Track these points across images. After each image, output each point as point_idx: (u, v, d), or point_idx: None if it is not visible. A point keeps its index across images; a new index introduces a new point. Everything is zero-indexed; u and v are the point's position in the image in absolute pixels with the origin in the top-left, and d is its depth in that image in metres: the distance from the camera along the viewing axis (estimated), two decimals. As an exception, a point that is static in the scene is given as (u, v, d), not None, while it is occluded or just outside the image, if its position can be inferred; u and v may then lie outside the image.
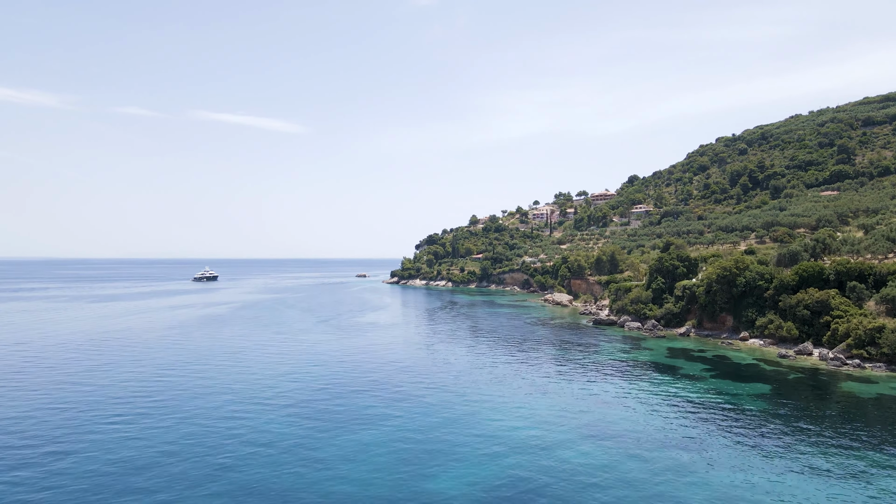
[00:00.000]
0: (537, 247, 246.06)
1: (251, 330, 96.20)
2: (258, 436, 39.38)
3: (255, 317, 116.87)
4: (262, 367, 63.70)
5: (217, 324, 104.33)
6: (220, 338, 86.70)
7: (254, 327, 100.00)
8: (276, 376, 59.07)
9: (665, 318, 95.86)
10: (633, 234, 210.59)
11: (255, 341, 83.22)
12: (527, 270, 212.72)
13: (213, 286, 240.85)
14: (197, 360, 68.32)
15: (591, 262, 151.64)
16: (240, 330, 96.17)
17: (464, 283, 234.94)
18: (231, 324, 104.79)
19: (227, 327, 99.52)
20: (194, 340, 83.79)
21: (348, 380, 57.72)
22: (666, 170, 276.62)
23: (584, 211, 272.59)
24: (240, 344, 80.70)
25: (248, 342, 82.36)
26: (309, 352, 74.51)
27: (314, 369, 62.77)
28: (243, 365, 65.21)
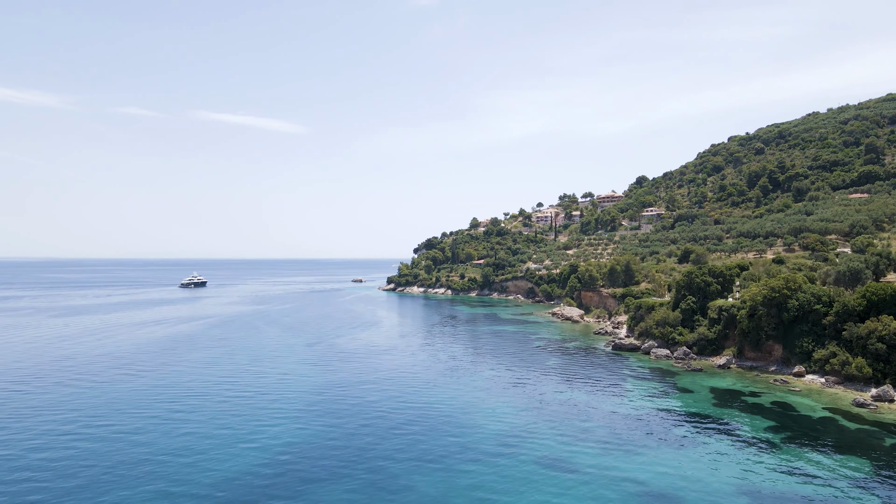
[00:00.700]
0: (542, 252, 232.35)
1: (212, 360, 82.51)
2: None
3: (225, 338, 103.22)
4: (202, 426, 50.03)
5: (178, 350, 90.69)
6: (168, 376, 73.03)
7: (218, 355, 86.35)
8: (213, 445, 45.37)
9: (698, 345, 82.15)
10: (645, 239, 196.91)
11: (209, 380, 69.51)
12: (531, 278, 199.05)
13: (199, 294, 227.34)
14: (120, 415, 54.69)
15: (604, 273, 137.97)
16: (200, 358, 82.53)
17: (464, 290, 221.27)
18: (194, 350, 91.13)
19: (187, 356, 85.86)
20: (133, 380, 70.16)
21: (316, 451, 44.05)
22: (677, 170, 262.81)
23: (590, 214, 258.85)
24: (190, 382, 67.02)
25: (200, 381, 68.67)
26: (272, 397, 60.82)
27: (272, 430, 49.06)
28: (179, 423, 51.54)
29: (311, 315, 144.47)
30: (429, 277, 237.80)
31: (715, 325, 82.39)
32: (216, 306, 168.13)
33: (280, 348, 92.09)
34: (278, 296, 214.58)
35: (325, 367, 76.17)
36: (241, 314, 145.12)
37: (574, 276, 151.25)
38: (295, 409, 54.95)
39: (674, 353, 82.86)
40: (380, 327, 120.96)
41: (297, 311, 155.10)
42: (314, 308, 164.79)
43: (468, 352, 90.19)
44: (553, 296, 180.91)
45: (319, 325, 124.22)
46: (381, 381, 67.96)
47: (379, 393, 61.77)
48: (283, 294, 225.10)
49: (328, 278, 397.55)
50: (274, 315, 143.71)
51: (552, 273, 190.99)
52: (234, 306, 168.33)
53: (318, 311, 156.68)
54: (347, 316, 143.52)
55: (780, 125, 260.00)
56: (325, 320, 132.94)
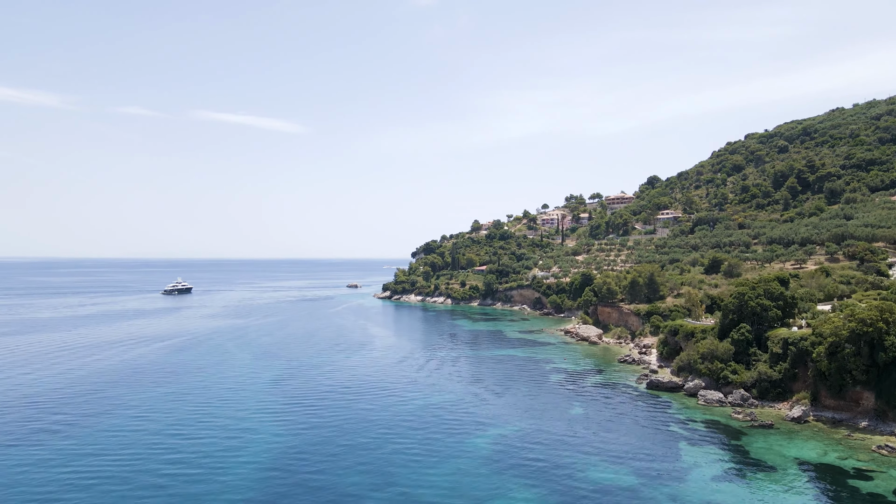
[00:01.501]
0: (549, 258, 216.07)
1: (147, 411, 66.38)
2: None
3: (180, 371, 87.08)
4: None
5: (113, 391, 74.54)
6: (76, 438, 56.88)
7: (159, 401, 70.20)
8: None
9: (759, 387, 65.93)
10: (662, 244, 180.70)
11: (126, 450, 53.32)
12: (538, 287, 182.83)
13: (179, 303, 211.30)
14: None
15: (624, 286, 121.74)
16: (136, 404, 66.39)
17: (465, 299, 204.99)
18: (134, 390, 75.00)
19: (121, 400, 69.74)
20: (21, 450, 54.13)
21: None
22: (692, 169, 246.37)
23: (600, 216, 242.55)
24: (100, 452, 50.87)
25: (114, 449, 52.51)
26: (207, 477, 44.58)
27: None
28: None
29: (293, 333, 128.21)
30: (427, 285, 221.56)
31: (779, 361, 66.17)
32: (191, 320, 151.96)
33: (242, 386, 75.89)
34: (264, 306, 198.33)
35: (291, 421, 59.94)
36: (214, 332, 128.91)
37: (589, 288, 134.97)
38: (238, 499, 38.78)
39: (728, 396, 66.63)
40: (367, 352, 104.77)
41: (278, 327, 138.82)
42: (299, 323, 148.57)
43: (468, 393, 74.00)
44: (563, 308, 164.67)
45: (299, 348, 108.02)
46: (354, 448, 51.68)
47: (349, 468, 45.53)
48: (270, 304, 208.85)
49: (323, 282, 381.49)
50: (251, 333, 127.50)
51: (561, 282, 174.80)
52: (210, 320, 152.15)
53: (303, 327, 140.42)
54: (334, 335, 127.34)
55: (802, 122, 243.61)
56: (306, 342, 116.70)
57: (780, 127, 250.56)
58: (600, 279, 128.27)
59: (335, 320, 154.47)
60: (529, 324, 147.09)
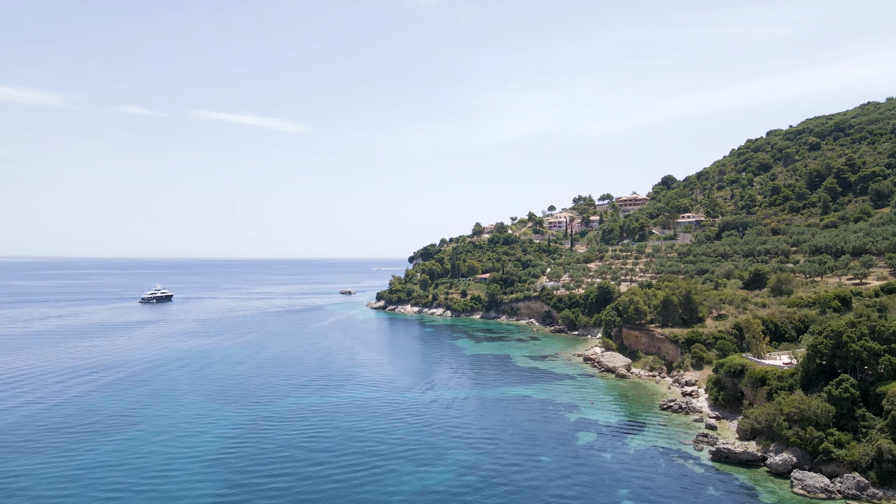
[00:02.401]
0: (557, 265, 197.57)
1: (49, 482, 47.90)
2: None
3: (113, 420, 68.68)
4: None
5: (12, 451, 56.08)
6: None
7: (71, 461, 51.63)
8: None
9: (880, 469, 47.36)
10: (686, 252, 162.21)
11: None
12: (548, 299, 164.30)
13: (153, 314, 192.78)
14: None
15: (656, 304, 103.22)
16: (29, 479, 47.90)
17: (466, 311, 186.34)
18: (38, 455, 56.48)
19: (15, 472, 51.22)
20: None
21: None
22: (712, 168, 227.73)
23: (612, 219, 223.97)
24: None
25: None
26: None
27: None
28: None
29: (265, 362, 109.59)
30: (424, 294, 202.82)
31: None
32: (153, 341, 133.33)
33: (178, 453, 57.31)
34: (243, 320, 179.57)
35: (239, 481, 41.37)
36: (173, 359, 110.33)
37: (611, 306, 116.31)
38: None
39: (835, 480, 48.07)
40: (348, 392, 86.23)
41: (250, 353, 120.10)
42: (276, 345, 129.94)
43: (473, 469, 55.41)
44: (577, 324, 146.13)
45: (267, 385, 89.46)
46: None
47: None
48: (252, 316, 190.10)
49: (316, 287, 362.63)
50: (215, 362, 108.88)
51: (574, 294, 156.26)
52: (176, 341, 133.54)
53: (279, 351, 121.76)
54: (313, 364, 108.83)
55: (831, 117, 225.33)
56: (278, 375, 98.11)
57: (807, 122, 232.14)
58: (626, 297, 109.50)
59: (319, 341, 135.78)
60: (541, 345, 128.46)
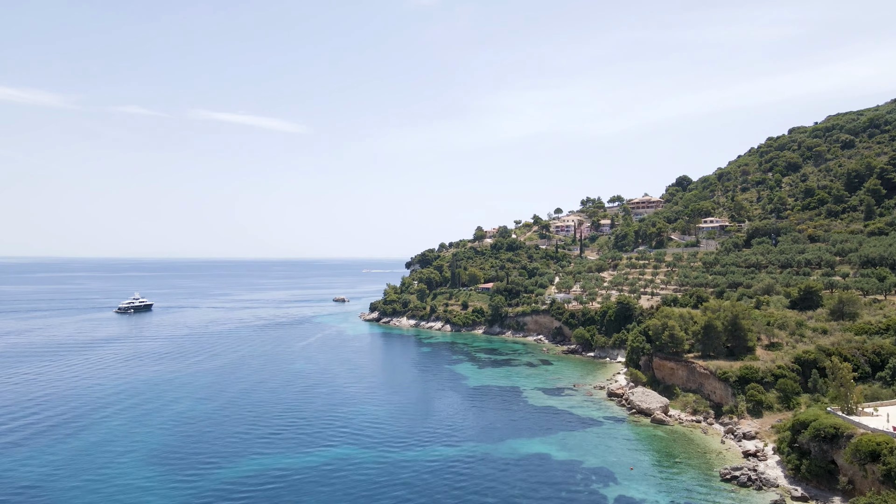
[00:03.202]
0: (567, 274, 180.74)
1: None
2: None
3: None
4: None
5: None
6: None
7: None
8: None
9: None
10: (712, 261, 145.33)
11: None
12: (559, 314, 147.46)
13: (124, 328, 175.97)
14: None
15: (696, 331, 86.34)
16: None
17: (467, 325, 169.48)
18: None
19: None
20: None
21: None
22: (732, 168, 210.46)
23: (625, 224, 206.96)
24: None
25: None
26: None
27: None
28: None
29: (232, 396, 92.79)
30: (422, 306, 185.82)
31: None
32: (109, 366, 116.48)
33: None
34: (220, 336, 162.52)
35: None
36: (122, 393, 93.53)
37: (638, 330, 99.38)
38: None
39: None
40: (325, 440, 69.44)
41: (217, 383, 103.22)
42: (250, 371, 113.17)
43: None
44: (593, 345, 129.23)
45: (227, 430, 72.70)
46: None
47: None
48: (231, 331, 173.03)
49: (309, 293, 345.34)
50: (172, 396, 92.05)
51: (588, 309, 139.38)
52: (135, 366, 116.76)
53: (252, 380, 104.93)
54: (289, 397, 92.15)
55: (863, 112, 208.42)
56: (244, 414, 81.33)
57: (834, 118, 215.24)
58: (657, 320, 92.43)
59: (300, 367, 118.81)
60: (554, 371, 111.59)
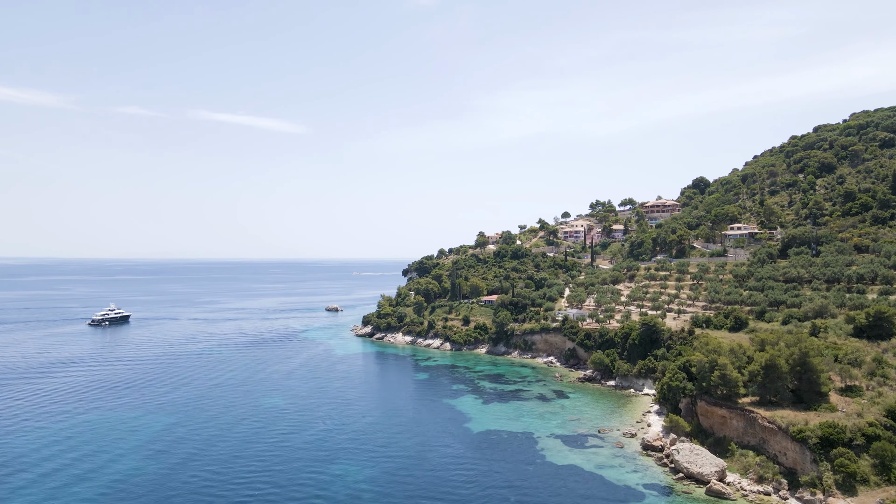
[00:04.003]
0: (578, 285, 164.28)
1: None
2: None
3: None
4: None
5: None
6: None
7: None
8: None
9: None
10: (744, 274, 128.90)
11: None
12: (572, 333, 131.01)
13: (87, 347, 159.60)
14: None
15: (753, 371, 69.81)
16: None
17: (469, 343, 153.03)
18: None
19: None
20: None
21: None
22: (757, 168, 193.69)
23: (640, 230, 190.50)
24: None
25: None
26: None
27: None
28: None
29: (190, 450, 76.39)
30: (419, 320, 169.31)
31: None
32: (56, 401, 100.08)
33: None
34: (193, 356, 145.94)
35: None
36: (59, 441, 77.22)
37: (676, 365, 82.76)
38: None
39: None
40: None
41: (178, 421, 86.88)
42: (219, 406, 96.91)
43: None
44: (614, 371, 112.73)
45: None
46: None
47: None
48: (206, 351, 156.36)
49: (302, 300, 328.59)
50: (116, 448, 75.68)
51: (606, 329, 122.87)
52: (88, 399, 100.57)
53: (219, 421, 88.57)
54: (258, 445, 75.90)
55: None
56: (196, 479, 64.85)
57: (865, 116, 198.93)
58: (702, 355, 75.84)
59: (277, 402, 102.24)
60: (571, 408, 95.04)
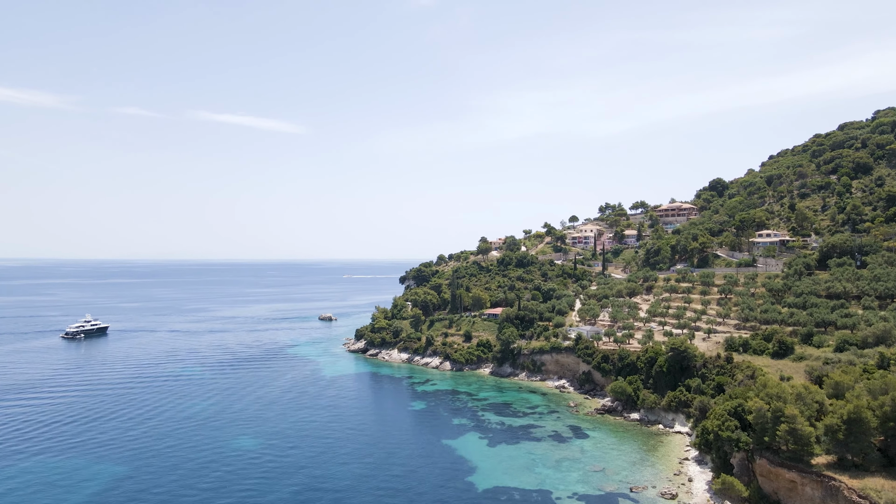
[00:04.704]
0: (591, 298, 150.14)
1: None
2: None
3: None
4: None
5: None
6: None
7: None
8: None
9: None
10: (780, 288, 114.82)
11: None
12: (587, 355, 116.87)
13: (50, 367, 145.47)
14: None
15: (834, 425, 55.57)
16: None
17: (471, 363, 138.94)
18: None
19: None
20: None
21: None
22: (782, 168, 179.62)
23: (656, 236, 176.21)
24: None
25: None
26: None
27: None
28: None
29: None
30: (416, 336, 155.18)
31: None
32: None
33: None
34: (166, 380, 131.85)
35: None
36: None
37: (723, 406, 68.34)
38: None
39: None
40: None
41: (128, 476, 72.85)
42: (178, 454, 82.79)
43: None
44: (638, 402, 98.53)
45: None
46: None
47: None
48: (181, 373, 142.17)
49: (295, 307, 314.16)
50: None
51: (626, 351, 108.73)
52: (32, 442, 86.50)
53: (173, 477, 74.46)
54: (210, 502, 61.51)
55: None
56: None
57: (893, 112, 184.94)
58: (762, 402, 61.60)
59: (247, 446, 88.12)
60: (592, 452, 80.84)
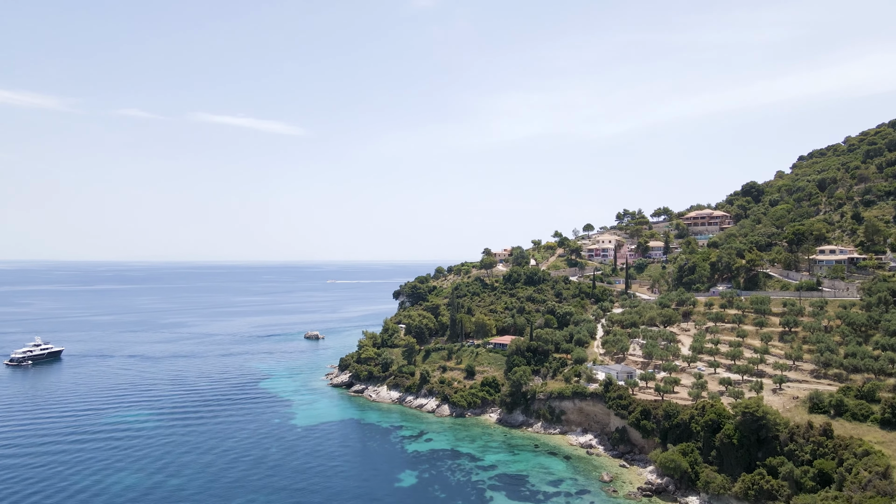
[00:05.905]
0: (615, 324, 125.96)
1: None
2: None
3: None
4: None
5: None
6: None
7: None
8: None
9: None
10: (863, 321, 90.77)
11: None
12: (620, 406, 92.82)
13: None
14: None
15: None
16: None
17: (474, 407, 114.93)
18: None
19: None
20: None
21: None
22: (832, 170, 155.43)
23: (687, 249, 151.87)
24: None
25: None
26: None
27: None
28: None
29: None
30: (409, 370, 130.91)
31: None
32: None
33: None
34: (98, 434, 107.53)
35: None
36: None
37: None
38: None
39: None
40: None
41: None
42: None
43: None
44: (700, 483, 74.30)
45: None
46: None
47: None
48: (119, 424, 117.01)
49: (280, 320, 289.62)
50: None
51: (674, 406, 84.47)
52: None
53: None
54: None
55: None
56: None
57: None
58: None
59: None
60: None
